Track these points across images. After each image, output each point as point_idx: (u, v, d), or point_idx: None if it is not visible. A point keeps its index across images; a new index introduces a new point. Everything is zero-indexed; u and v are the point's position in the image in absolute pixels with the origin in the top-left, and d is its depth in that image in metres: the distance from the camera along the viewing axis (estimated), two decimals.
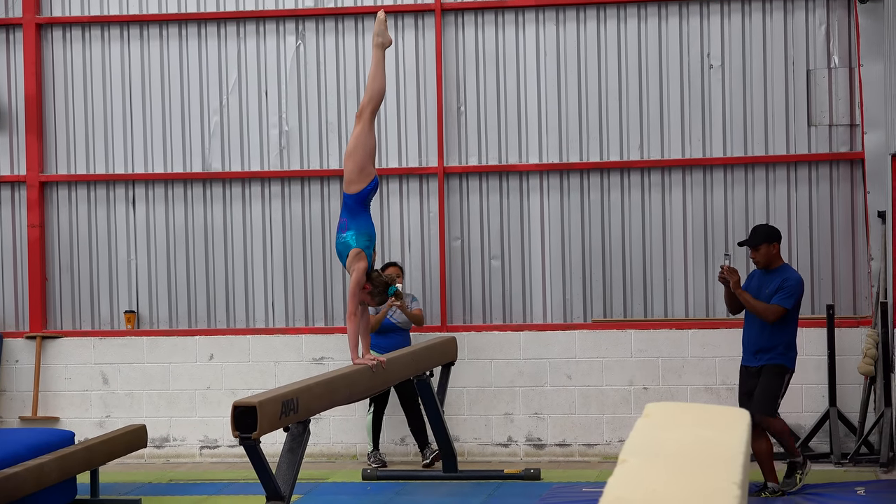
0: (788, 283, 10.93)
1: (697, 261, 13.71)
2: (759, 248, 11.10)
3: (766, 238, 11.09)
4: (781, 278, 10.97)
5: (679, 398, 13.45)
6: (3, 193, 14.60)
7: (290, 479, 9.64)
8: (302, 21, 14.22)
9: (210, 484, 12.94)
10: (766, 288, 10.96)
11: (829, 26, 13.59)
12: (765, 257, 11.07)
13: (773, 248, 11.06)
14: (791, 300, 10.92)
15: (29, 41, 14.43)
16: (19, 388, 14.51)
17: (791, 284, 10.96)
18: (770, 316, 10.90)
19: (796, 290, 10.96)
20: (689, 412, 4.18)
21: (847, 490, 11.36)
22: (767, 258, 11.07)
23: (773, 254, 11.10)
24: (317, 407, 10.19)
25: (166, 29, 14.39)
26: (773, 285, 10.96)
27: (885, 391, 12.77)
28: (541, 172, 13.92)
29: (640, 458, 3.31)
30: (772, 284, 10.99)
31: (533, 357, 13.81)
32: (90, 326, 14.56)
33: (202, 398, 14.23)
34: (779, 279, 10.99)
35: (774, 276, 11.02)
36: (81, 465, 11.48)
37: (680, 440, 3.60)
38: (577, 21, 13.88)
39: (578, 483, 12.13)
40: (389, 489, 12.41)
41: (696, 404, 4.80)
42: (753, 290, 11.06)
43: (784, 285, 10.91)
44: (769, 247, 11.07)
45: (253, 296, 14.36)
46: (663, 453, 3.41)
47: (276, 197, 14.30)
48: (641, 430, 3.68)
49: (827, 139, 13.61)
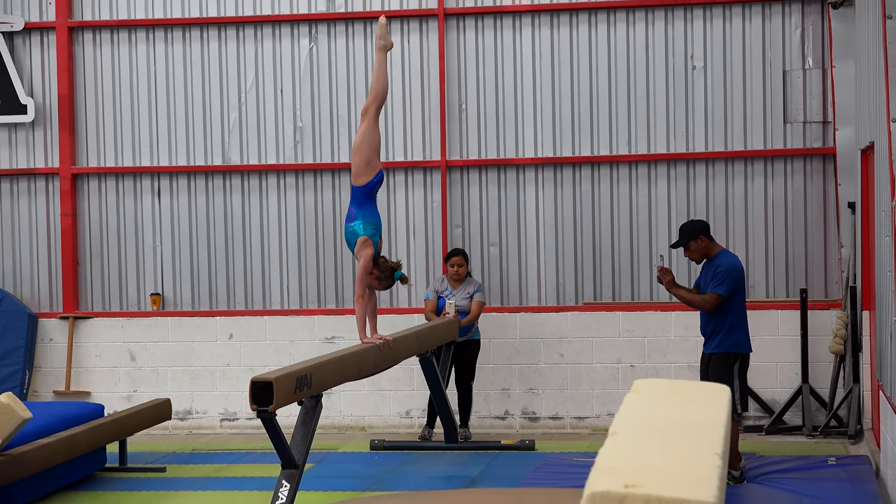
0: (720, 270, 10.53)
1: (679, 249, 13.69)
2: (688, 247, 10.83)
3: (690, 236, 10.75)
4: (714, 266, 10.60)
5: (664, 375, 13.47)
6: (38, 185, 14.63)
7: (303, 449, 9.67)
8: (315, 25, 14.22)
9: (229, 454, 12.96)
10: (708, 277, 10.77)
11: (803, 30, 13.58)
12: (696, 252, 10.74)
13: (700, 241, 10.67)
14: (724, 286, 10.51)
15: (62, 43, 14.43)
16: (53, 365, 14.54)
17: (721, 271, 10.55)
18: (707, 306, 10.59)
19: (728, 275, 10.52)
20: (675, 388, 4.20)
21: (819, 460, 11.37)
22: (699, 252, 10.72)
23: (703, 246, 10.69)
24: (328, 382, 10.20)
25: (189, 32, 14.40)
26: (711, 273, 10.75)
27: (853, 369, 12.80)
28: (536, 165, 13.92)
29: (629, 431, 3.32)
30: (709, 273, 10.78)
31: (528, 337, 13.83)
32: (119, 307, 14.59)
33: (222, 374, 14.26)
34: (713, 267, 10.69)
35: (711, 265, 10.79)
36: (110, 436, 11.53)
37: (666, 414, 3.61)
38: (570, 25, 13.87)
39: (570, 453, 12.14)
40: (395, 459, 12.43)
41: (681, 381, 4.80)
42: (706, 280, 10.83)
43: (717, 272, 10.55)
44: (696, 242, 10.76)
45: (269, 279, 14.38)
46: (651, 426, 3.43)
47: (291, 188, 14.31)
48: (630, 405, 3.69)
49: (801, 135, 13.61)
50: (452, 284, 13.17)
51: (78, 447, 10.85)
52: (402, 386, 13.78)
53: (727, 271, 10.54)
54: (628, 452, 3.10)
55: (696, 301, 10.66)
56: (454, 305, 12.97)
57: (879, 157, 9.54)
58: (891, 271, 8.27)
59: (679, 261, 13.29)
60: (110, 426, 11.49)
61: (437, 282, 13.33)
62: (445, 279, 13.25)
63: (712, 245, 10.75)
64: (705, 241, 10.69)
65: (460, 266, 13.13)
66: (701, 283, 10.82)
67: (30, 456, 10.14)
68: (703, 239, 10.68)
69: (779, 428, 13.08)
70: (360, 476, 11.62)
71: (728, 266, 10.57)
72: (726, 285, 10.50)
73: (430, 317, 13.08)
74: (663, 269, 10.83)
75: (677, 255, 13.20)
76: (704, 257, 10.74)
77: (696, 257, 10.80)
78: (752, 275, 13.49)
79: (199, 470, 12.14)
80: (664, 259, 13.20)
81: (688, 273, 13.11)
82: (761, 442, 12.62)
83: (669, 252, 13.32)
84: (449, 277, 13.20)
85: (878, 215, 10.02)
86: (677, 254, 13.13)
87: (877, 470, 10.89)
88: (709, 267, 10.70)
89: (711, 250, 10.73)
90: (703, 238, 10.68)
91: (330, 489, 10.98)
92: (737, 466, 10.53)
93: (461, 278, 13.15)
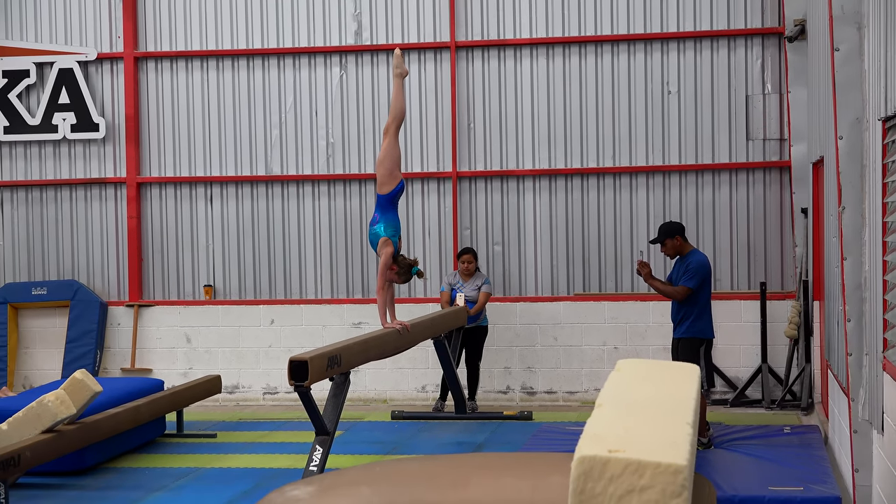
0: (691, 267, 10.47)
1: (656, 248, 13.68)
2: (665, 244, 10.78)
3: (667, 234, 10.70)
4: (686, 262, 10.55)
5: (643, 356, 13.45)
6: (108, 192, 14.65)
7: (334, 419, 9.69)
8: (344, 55, 14.23)
9: (271, 422, 12.98)
10: (680, 272, 10.74)
11: (763, 60, 13.56)
12: (671, 249, 10.65)
13: (675, 240, 10.59)
14: (693, 280, 10.44)
15: (128, 71, 14.46)
16: (120, 346, 14.57)
17: (692, 267, 10.49)
18: (677, 296, 10.50)
19: (698, 270, 10.46)
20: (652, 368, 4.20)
21: (776, 429, 11.37)
22: (674, 249, 10.64)
23: (678, 244, 10.61)
24: (355, 361, 10.22)
25: (237, 61, 14.41)
26: (683, 268, 10.73)
27: (805, 351, 12.79)
28: (534, 176, 13.92)
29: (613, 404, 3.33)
30: (681, 268, 10.76)
31: (526, 322, 13.83)
32: (176, 297, 14.61)
33: (265, 354, 14.27)
34: (685, 263, 10.68)
35: (683, 262, 10.76)
36: (169, 407, 11.54)
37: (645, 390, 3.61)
38: (564, 56, 13.87)
39: (563, 423, 12.12)
40: (413, 427, 12.44)
41: (658, 361, 4.80)
42: (678, 274, 10.79)
43: (689, 268, 10.49)
44: (672, 240, 10.69)
45: (305, 273, 14.39)
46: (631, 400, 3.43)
47: (324, 195, 14.32)
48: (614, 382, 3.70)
49: (761, 150, 13.60)
50: (463, 278, 13.18)
51: (141, 416, 10.88)
52: (419, 365, 13.80)
53: (697, 268, 10.51)
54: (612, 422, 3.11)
55: (668, 291, 10.63)
56: (464, 297, 13.00)
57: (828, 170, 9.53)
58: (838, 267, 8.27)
59: (656, 256, 13.29)
60: (169, 398, 11.51)
61: (450, 276, 13.34)
62: (457, 273, 13.25)
63: (685, 244, 10.70)
64: (680, 240, 10.66)
65: (470, 262, 13.15)
66: (673, 277, 10.79)
67: (100, 424, 10.18)
68: (679, 238, 10.65)
69: (741, 401, 13.08)
70: (382, 442, 11.64)
71: (697, 263, 10.54)
72: (696, 280, 10.47)
73: (444, 306, 13.09)
74: (642, 262, 10.80)
75: (654, 251, 13.20)
76: (678, 254, 10.70)
77: (670, 253, 10.75)
78: (718, 270, 13.48)
79: (245, 436, 12.16)
80: (644, 254, 13.21)
81: (663, 268, 13.09)
82: (727, 413, 12.62)
83: (648, 248, 13.32)
84: (460, 272, 13.21)
85: (827, 219, 10.01)
86: (654, 250, 13.12)
87: (825, 437, 10.89)
88: (681, 263, 10.66)
89: (684, 248, 10.69)
90: (678, 237, 10.65)
91: (357, 453, 10.99)
92: (706, 434, 10.52)
93: (471, 273, 13.16)
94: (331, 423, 9.59)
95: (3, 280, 14.81)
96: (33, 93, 14.68)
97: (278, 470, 10.40)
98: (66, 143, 14.70)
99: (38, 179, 14.72)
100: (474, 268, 13.17)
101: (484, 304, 13.12)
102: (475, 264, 13.19)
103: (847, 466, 8.58)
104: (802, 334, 12.84)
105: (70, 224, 14.73)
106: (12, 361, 14.57)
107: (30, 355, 14.72)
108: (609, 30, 13.75)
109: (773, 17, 13.53)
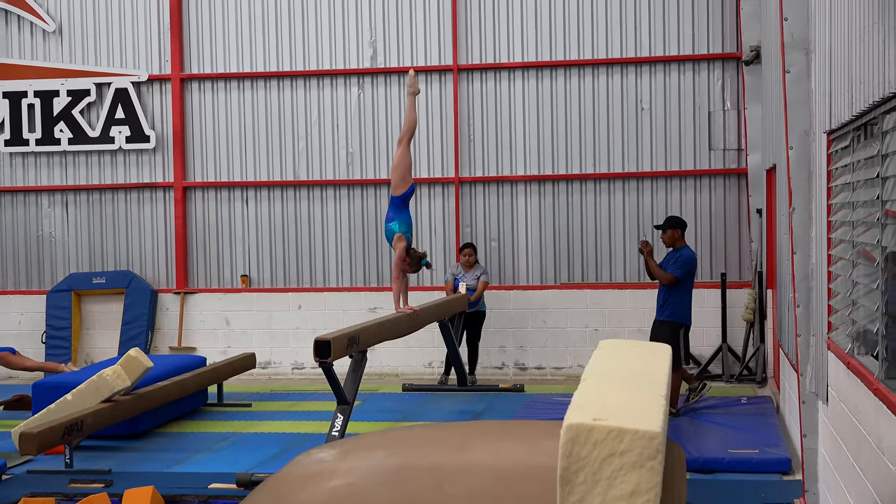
0: (680, 258, 10.49)
1: (632, 244, 13.70)
2: (666, 231, 10.77)
3: (672, 225, 10.71)
4: (678, 254, 10.58)
5: (620, 336, 13.43)
6: (157, 195, 14.65)
7: (353, 391, 9.70)
8: (362, 77, 14.21)
9: (298, 393, 12.99)
10: (671, 261, 10.74)
11: (723, 81, 13.54)
12: (669, 238, 10.65)
13: (676, 232, 10.61)
14: (680, 270, 10.45)
15: (175, 90, 14.45)
16: (168, 328, 14.58)
17: (682, 259, 10.50)
18: (664, 280, 10.49)
19: (685, 263, 10.46)
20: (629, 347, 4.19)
21: (734, 400, 11.37)
22: (671, 239, 10.64)
23: (677, 237, 10.63)
24: (371, 341, 10.22)
25: (270, 81, 14.40)
26: (673, 259, 10.72)
27: (760, 332, 12.77)
28: (525, 181, 13.90)
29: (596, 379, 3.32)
30: (672, 258, 10.75)
31: (519, 308, 13.82)
32: (217, 285, 14.61)
33: (293, 335, 14.27)
34: (676, 255, 10.71)
35: (675, 253, 10.76)
36: (210, 380, 11.57)
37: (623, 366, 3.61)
38: (552, 77, 13.85)
39: (551, 394, 12.13)
40: (421, 398, 12.45)
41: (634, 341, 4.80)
42: (668, 263, 10.80)
43: (678, 260, 10.51)
44: (673, 231, 10.69)
45: (328, 265, 14.38)
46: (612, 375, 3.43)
47: (344, 197, 14.31)
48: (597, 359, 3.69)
49: (722, 159, 13.58)
50: (465, 269, 13.17)
51: (186, 388, 10.90)
52: (426, 344, 13.79)
53: (685, 261, 10.53)
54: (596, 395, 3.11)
55: (658, 273, 10.58)
56: (465, 285, 13.00)
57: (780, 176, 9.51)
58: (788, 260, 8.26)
59: (655, 252, 13.26)
60: (210, 373, 11.53)
61: (454, 267, 13.33)
62: (459, 265, 13.24)
63: (681, 239, 10.70)
64: (679, 233, 10.66)
65: (470, 255, 13.14)
66: (663, 265, 10.77)
67: (151, 394, 10.20)
68: (678, 232, 10.66)
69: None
70: (394, 411, 11.65)
71: (686, 257, 10.56)
72: (682, 270, 10.48)
73: (448, 293, 13.09)
74: (645, 241, 10.78)
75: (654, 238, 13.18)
76: (672, 245, 10.70)
77: (667, 241, 10.71)
78: None
79: (276, 406, 12.18)
80: (647, 237, 13.20)
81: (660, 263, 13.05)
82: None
83: (652, 233, 13.21)
84: (462, 264, 13.20)
85: (779, 219, 9.99)
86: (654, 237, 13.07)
87: (777, 407, 10.88)
88: (673, 254, 10.66)
89: (679, 242, 10.70)
90: (678, 231, 10.67)
91: (373, 420, 11.01)
92: (675, 405, 10.51)
93: (471, 264, 13.15)
94: (350, 394, 9.60)
95: (68, 271, 14.83)
96: (93, 109, 14.67)
97: (305, 435, 10.41)
98: (121, 153, 14.70)
99: (98, 184, 14.72)
100: (474, 260, 13.16)
101: (482, 292, 13.11)
102: (475, 257, 13.19)
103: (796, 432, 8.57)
104: (757, 318, 12.83)
105: (125, 222, 14.74)
106: (76, 341, 14.59)
107: (90, 336, 14.73)
108: (591, 54, 13.73)
109: (731, 43, 13.51)
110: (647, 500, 2.73)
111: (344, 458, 3.23)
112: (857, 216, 5.55)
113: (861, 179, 5.40)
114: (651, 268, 10.69)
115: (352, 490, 3.02)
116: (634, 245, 13.62)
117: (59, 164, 14.82)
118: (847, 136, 5.80)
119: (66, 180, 14.81)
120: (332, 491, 3.03)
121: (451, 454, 3.18)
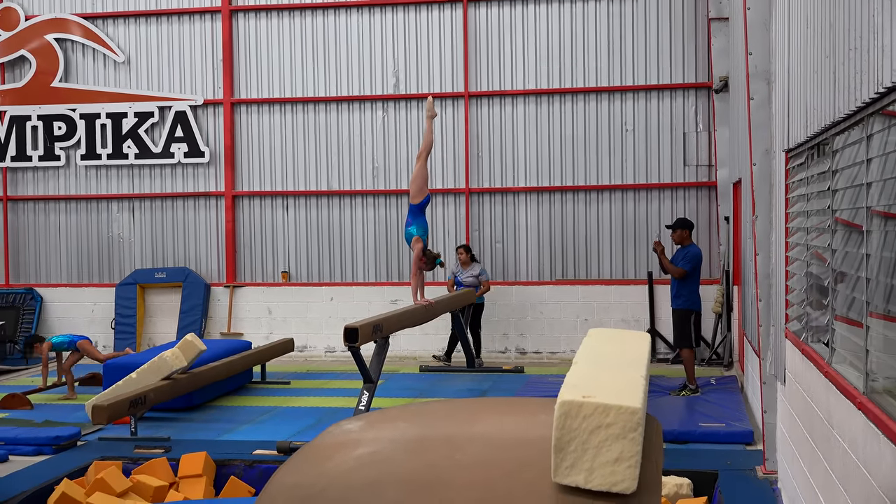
0: (689, 254, 10.47)
1: (616, 246, 13.68)
2: (676, 231, 10.74)
3: (681, 226, 10.63)
4: (686, 251, 10.54)
5: (607, 326, 13.41)
6: (210, 202, 14.68)
7: (377, 371, 9.72)
8: (386, 102, 14.22)
9: (330, 373, 13.01)
10: (680, 257, 10.70)
11: (696, 107, 13.52)
12: (678, 237, 10.63)
13: (684, 232, 10.59)
14: (689, 265, 10.42)
15: (226, 112, 14.49)
16: (219, 316, 14.61)
17: (690, 255, 10.48)
18: (675, 274, 10.46)
19: (693, 258, 10.44)
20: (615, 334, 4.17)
21: (705, 381, 11.35)
22: (680, 238, 10.61)
23: (685, 236, 10.59)
24: (393, 329, 10.24)
25: (307, 105, 14.42)
26: (682, 255, 10.68)
27: (727, 322, 12.74)
28: (526, 192, 13.90)
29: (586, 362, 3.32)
30: (682, 255, 10.71)
31: (519, 301, 13.81)
32: (261, 280, 14.64)
33: (326, 323, 14.29)
34: (685, 251, 10.66)
35: (684, 250, 10.71)
36: (255, 361, 11.60)
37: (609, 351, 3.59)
38: (549, 102, 13.84)
39: (547, 375, 12.15)
40: (435, 377, 12.45)
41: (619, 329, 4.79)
42: (678, 259, 10.74)
43: (686, 256, 10.49)
44: (682, 231, 10.63)
45: (356, 263, 14.40)
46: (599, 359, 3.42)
47: (370, 205, 14.32)
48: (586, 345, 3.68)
49: (695, 173, 13.55)
50: (462, 267, 13.12)
51: (234, 368, 10.93)
52: (440, 331, 13.78)
53: (692, 257, 10.52)
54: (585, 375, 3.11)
55: (670, 268, 10.51)
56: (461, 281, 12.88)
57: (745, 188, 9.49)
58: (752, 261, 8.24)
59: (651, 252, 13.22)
60: (255, 355, 11.56)
61: (454, 265, 13.32)
62: (458, 264, 13.22)
63: (689, 238, 10.68)
64: (687, 233, 10.64)
65: (462, 254, 13.02)
66: (673, 260, 10.70)
67: (204, 373, 10.23)
68: (687, 232, 10.64)
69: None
70: (413, 388, 11.65)
71: (693, 253, 10.55)
72: (690, 265, 10.46)
73: (450, 289, 13.02)
74: (658, 242, 10.71)
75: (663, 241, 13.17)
76: (680, 243, 10.64)
77: (676, 239, 10.68)
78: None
79: (311, 383, 12.20)
80: (660, 236, 13.14)
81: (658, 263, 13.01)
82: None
83: (661, 233, 13.19)
84: (459, 263, 13.16)
85: (744, 225, 9.98)
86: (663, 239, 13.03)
87: (741, 387, 10.86)
88: (682, 251, 10.62)
89: (687, 241, 10.66)
90: (687, 231, 10.63)
91: (394, 396, 11.01)
92: (694, 382, 10.43)
93: (466, 262, 13.07)
94: (375, 374, 9.62)
95: (133, 267, 14.88)
96: (156, 129, 14.71)
97: (335, 409, 10.42)
98: (179, 167, 14.74)
99: (160, 192, 14.77)
100: (466, 259, 13.08)
101: (487, 289, 13.06)
102: (466, 256, 13.07)
103: (757, 408, 8.56)
104: (725, 310, 12.80)
105: (182, 225, 14.77)
106: (140, 327, 14.64)
107: (152, 323, 14.78)
108: (582, 83, 13.72)
109: (704, 74, 13.48)
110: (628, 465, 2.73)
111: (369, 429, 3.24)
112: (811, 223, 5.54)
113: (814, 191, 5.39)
114: (663, 264, 10.68)
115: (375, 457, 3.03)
116: (618, 248, 13.62)
117: (127, 175, 14.87)
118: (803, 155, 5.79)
119: (133, 189, 14.86)
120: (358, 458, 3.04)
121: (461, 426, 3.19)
